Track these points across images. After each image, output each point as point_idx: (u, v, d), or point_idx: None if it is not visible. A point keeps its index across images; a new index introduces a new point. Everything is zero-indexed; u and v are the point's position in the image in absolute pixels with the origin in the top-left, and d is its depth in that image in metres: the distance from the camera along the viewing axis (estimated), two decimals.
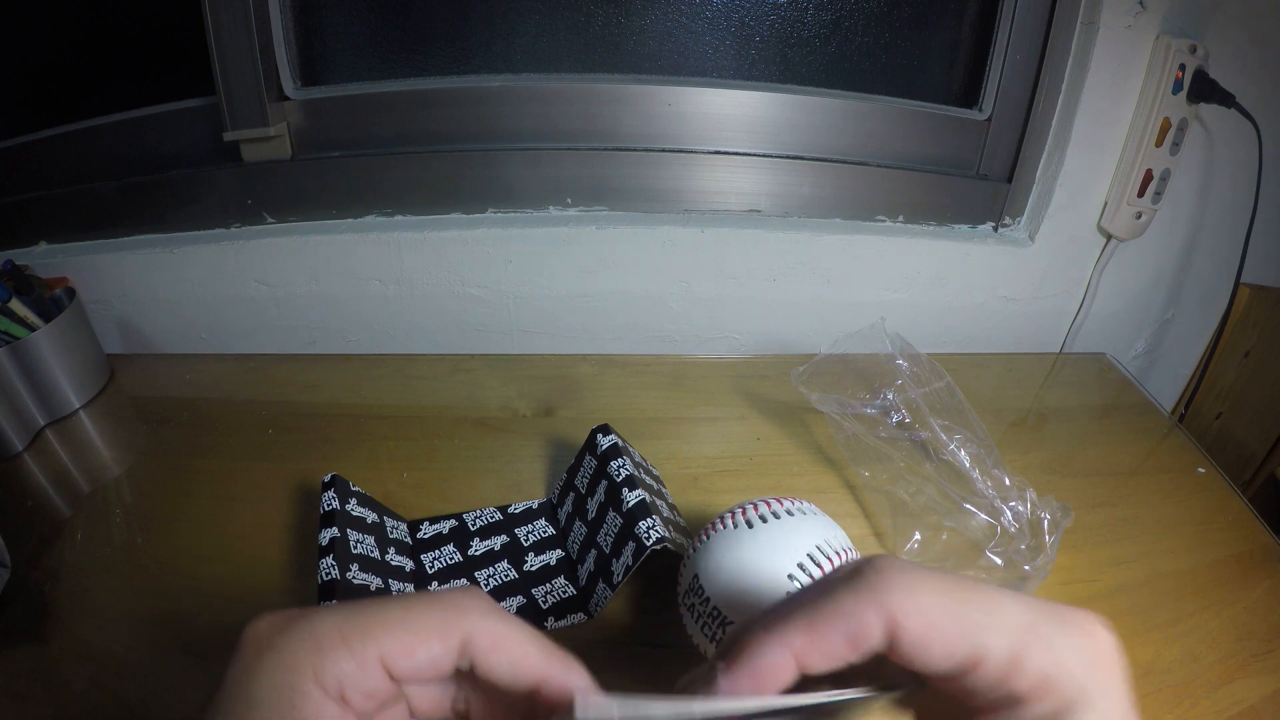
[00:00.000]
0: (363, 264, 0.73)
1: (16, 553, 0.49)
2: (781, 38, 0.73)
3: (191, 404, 0.68)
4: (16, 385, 0.61)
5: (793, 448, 0.63)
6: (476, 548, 0.51)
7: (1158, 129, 0.69)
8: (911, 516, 0.54)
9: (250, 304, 0.74)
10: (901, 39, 0.74)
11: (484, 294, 0.75)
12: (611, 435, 0.52)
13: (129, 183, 0.72)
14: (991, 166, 0.78)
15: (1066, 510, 0.52)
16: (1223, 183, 0.76)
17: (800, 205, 0.76)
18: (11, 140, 0.73)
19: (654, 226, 0.73)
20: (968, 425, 0.57)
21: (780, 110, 0.73)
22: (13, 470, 0.59)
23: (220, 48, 0.64)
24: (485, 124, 0.72)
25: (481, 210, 0.74)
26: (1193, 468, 0.64)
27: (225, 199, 0.72)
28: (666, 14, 0.71)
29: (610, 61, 0.73)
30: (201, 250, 0.72)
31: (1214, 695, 0.44)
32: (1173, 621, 0.49)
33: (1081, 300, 0.81)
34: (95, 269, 0.72)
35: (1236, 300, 0.79)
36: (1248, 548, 0.55)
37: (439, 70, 0.72)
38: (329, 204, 0.73)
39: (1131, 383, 0.77)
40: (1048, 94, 0.71)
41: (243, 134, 0.68)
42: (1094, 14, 0.65)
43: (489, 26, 0.72)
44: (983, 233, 0.79)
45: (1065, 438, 0.67)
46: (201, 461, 0.60)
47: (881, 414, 0.61)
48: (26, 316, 0.62)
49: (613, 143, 0.73)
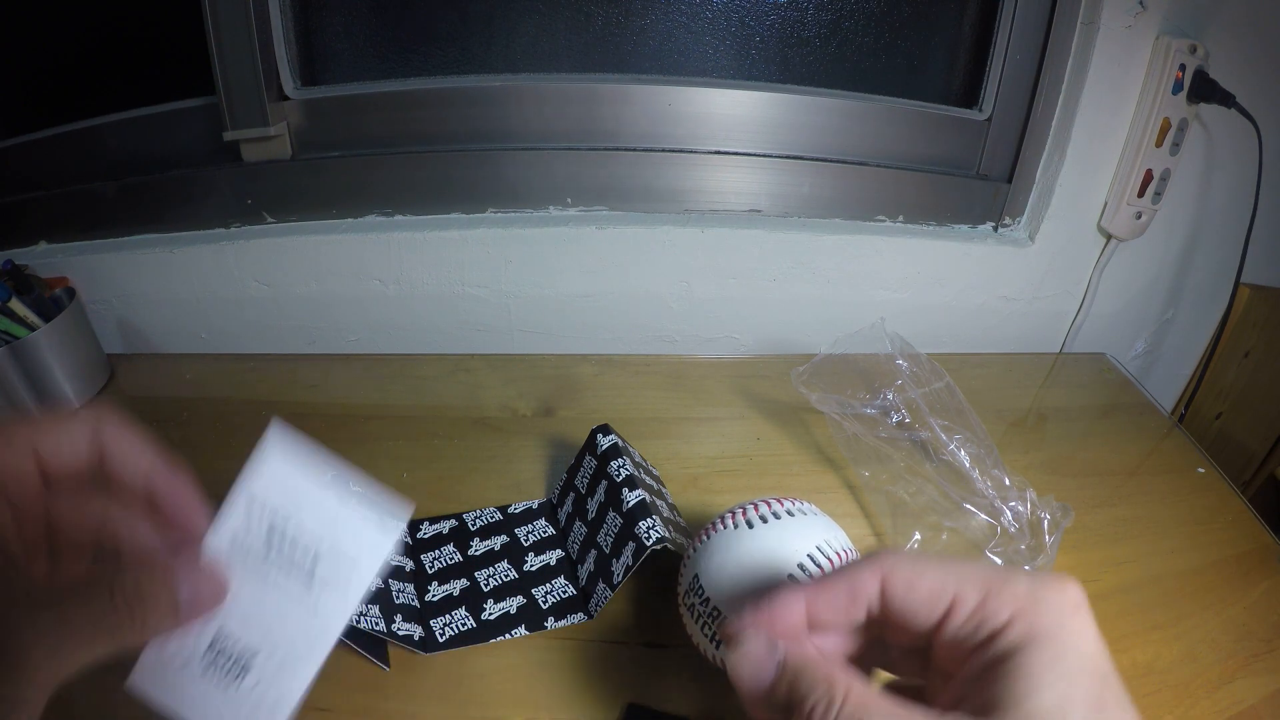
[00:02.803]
0: (363, 264, 0.73)
1: None
2: (781, 38, 0.73)
3: (191, 404, 0.68)
4: (16, 385, 0.61)
5: (793, 448, 0.63)
6: (476, 548, 0.51)
7: (1158, 129, 0.69)
8: (911, 516, 0.54)
9: (250, 304, 0.74)
10: (901, 39, 0.74)
11: (484, 294, 0.75)
12: (611, 435, 0.52)
13: (129, 183, 0.72)
14: (991, 166, 0.78)
15: (1066, 510, 0.52)
16: (1223, 183, 0.76)
17: (800, 205, 0.76)
18: (11, 140, 0.73)
19: (654, 226, 0.73)
20: (968, 425, 0.57)
21: (780, 110, 0.73)
22: None
23: (220, 47, 0.64)
24: (485, 124, 0.72)
25: (481, 210, 0.74)
26: (1193, 468, 0.64)
27: (225, 199, 0.72)
28: (667, 14, 0.71)
29: (610, 61, 0.73)
30: (201, 250, 0.72)
31: (1214, 695, 0.44)
32: (1173, 621, 0.49)
33: (1081, 300, 0.81)
34: (95, 269, 0.72)
35: (1236, 300, 0.79)
36: (1248, 548, 0.55)
37: (439, 70, 0.72)
38: (329, 204, 0.73)
39: (1131, 383, 0.77)
40: (1048, 94, 0.71)
41: (243, 134, 0.68)
42: (1094, 14, 0.65)
43: (489, 26, 0.72)
44: (983, 233, 0.79)
45: (1065, 438, 0.67)
46: (201, 461, 0.60)
47: (881, 414, 0.61)
48: (26, 316, 0.62)
49: (613, 143, 0.73)
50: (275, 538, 0.27)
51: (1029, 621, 0.21)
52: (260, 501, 0.27)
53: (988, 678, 0.21)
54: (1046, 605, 0.21)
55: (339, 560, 0.27)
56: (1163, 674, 0.45)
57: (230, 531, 0.27)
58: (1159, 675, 0.45)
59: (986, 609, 0.22)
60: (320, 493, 0.28)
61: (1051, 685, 0.20)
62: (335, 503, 0.27)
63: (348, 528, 0.27)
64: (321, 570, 0.27)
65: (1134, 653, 0.46)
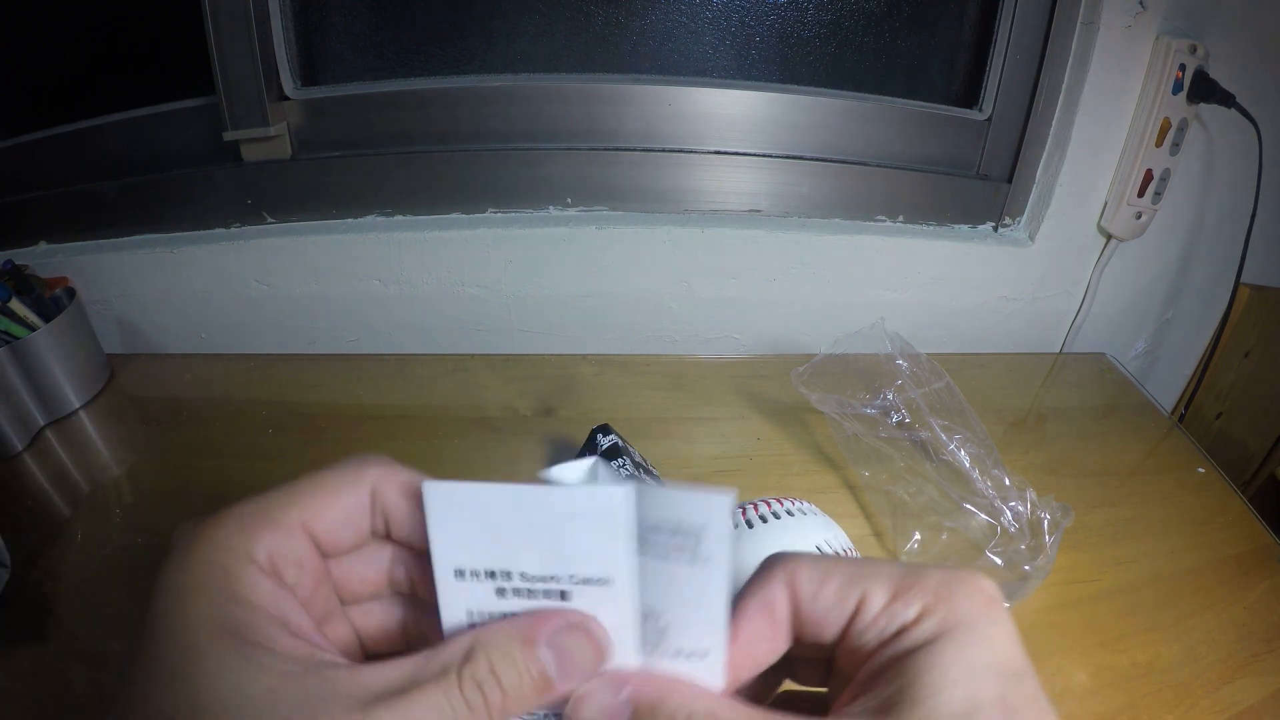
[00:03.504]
0: (363, 264, 0.73)
1: (16, 553, 0.49)
2: (781, 38, 0.73)
3: (191, 404, 0.68)
4: (16, 385, 0.60)
5: (792, 448, 0.63)
6: None
7: (1158, 129, 0.69)
8: (911, 516, 0.54)
9: (250, 304, 0.74)
10: (901, 39, 0.74)
11: (484, 294, 0.75)
12: (611, 435, 0.52)
13: (129, 183, 0.72)
14: (991, 166, 0.78)
15: (1066, 510, 0.52)
16: (1223, 183, 0.76)
17: (800, 205, 0.76)
18: (11, 140, 0.73)
19: (654, 227, 0.73)
20: (968, 425, 0.57)
21: (780, 110, 0.73)
22: (13, 470, 0.59)
23: (220, 47, 0.64)
24: (485, 124, 0.72)
25: (481, 210, 0.74)
26: (1193, 468, 0.64)
27: (225, 199, 0.72)
28: (666, 14, 0.71)
29: (610, 61, 0.73)
30: (201, 250, 0.72)
31: (1214, 695, 0.44)
32: (1173, 621, 0.49)
33: (1081, 300, 0.81)
34: (95, 269, 0.72)
35: (1236, 300, 0.79)
36: (1248, 548, 0.55)
37: (439, 70, 0.72)
38: (329, 204, 0.73)
39: (1131, 383, 0.77)
40: (1048, 94, 0.71)
41: (243, 134, 0.68)
42: (1094, 14, 0.65)
43: (489, 26, 0.72)
44: (983, 233, 0.79)
45: (1065, 438, 0.67)
46: (201, 461, 0.60)
47: (881, 414, 0.61)
48: (26, 316, 0.62)
49: (613, 143, 0.73)
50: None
51: (938, 617, 0.20)
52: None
53: (889, 675, 0.19)
54: (957, 600, 0.20)
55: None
56: (1163, 674, 0.45)
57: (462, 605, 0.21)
58: (1159, 675, 0.45)
59: (894, 605, 0.20)
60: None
61: (957, 682, 0.18)
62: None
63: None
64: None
65: (1134, 653, 0.46)
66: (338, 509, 0.21)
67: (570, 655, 0.20)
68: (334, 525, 0.21)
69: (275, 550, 0.20)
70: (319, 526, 0.21)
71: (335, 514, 0.21)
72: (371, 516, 0.21)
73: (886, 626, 0.20)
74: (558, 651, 0.20)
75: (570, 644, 0.20)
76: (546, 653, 0.19)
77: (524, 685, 0.19)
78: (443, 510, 0.21)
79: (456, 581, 0.21)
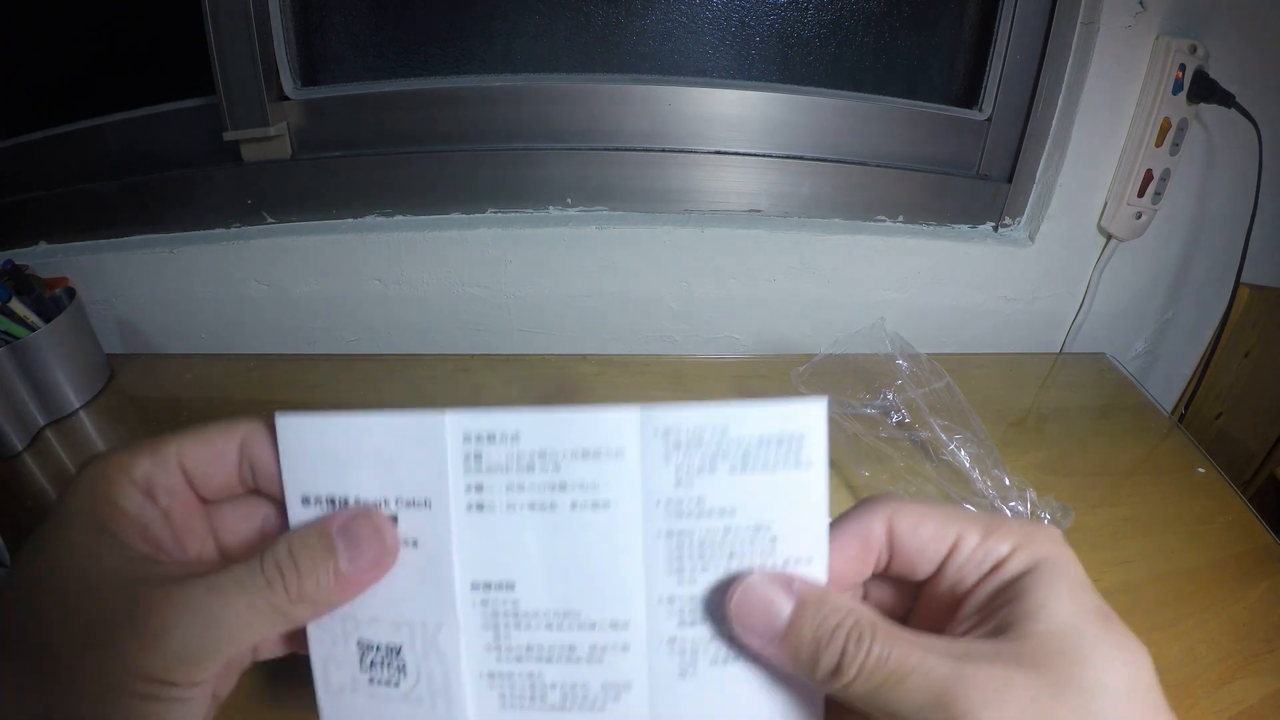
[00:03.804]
0: (363, 264, 0.73)
1: (16, 553, 0.49)
2: (781, 38, 0.73)
3: (191, 404, 0.68)
4: (16, 385, 0.60)
5: None
6: None
7: (1158, 129, 0.69)
8: None
9: (250, 304, 0.74)
10: (901, 39, 0.74)
11: (484, 294, 0.75)
12: None
13: (129, 183, 0.72)
14: (991, 166, 0.78)
15: (1066, 510, 0.52)
16: (1223, 183, 0.76)
17: (800, 205, 0.76)
18: (11, 140, 0.73)
19: (654, 227, 0.73)
20: (968, 425, 0.57)
21: (780, 110, 0.73)
22: (13, 470, 0.59)
23: (220, 47, 0.64)
24: (485, 124, 0.72)
25: (481, 210, 0.74)
26: (1193, 468, 0.64)
27: (225, 199, 0.72)
28: (666, 14, 0.71)
29: (610, 61, 0.73)
30: (201, 250, 0.72)
31: (1214, 695, 0.44)
32: (1173, 621, 0.49)
33: (1081, 300, 0.81)
34: (95, 269, 0.72)
35: (1236, 300, 0.79)
36: (1248, 548, 0.55)
37: (439, 70, 0.72)
38: (329, 204, 0.73)
39: (1131, 383, 0.77)
40: (1048, 94, 0.71)
41: (243, 134, 0.68)
42: (1094, 14, 0.65)
43: (489, 26, 0.72)
44: (983, 233, 0.79)
45: (1065, 438, 0.67)
46: None
47: (881, 414, 0.61)
48: (26, 316, 0.62)
49: (613, 143, 0.73)
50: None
51: (1028, 552, 0.22)
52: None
53: (997, 602, 0.22)
54: (1039, 540, 0.23)
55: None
56: (1163, 674, 0.44)
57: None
58: (1159, 675, 0.45)
59: (988, 544, 0.23)
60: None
61: (1060, 598, 0.21)
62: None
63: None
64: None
65: None
66: (208, 450, 0.24)
67: (358, 539, 0.23)
68: (204, 463, 0.24)
69: (151, 473, 0.23)
70: (190, 464, 0.24)
71: (206, 454, 0.24)
72: (240, 464, 0.24)
73: (983, 561, 0.23)
74: (347, 536, 0.23)
75: (358, 530, 0.23)
76: (338, 538, 0.23)
77: (316, 563, 0.22)
78: (294, 441, 0.23)
79: (303, 508, 0.24)
